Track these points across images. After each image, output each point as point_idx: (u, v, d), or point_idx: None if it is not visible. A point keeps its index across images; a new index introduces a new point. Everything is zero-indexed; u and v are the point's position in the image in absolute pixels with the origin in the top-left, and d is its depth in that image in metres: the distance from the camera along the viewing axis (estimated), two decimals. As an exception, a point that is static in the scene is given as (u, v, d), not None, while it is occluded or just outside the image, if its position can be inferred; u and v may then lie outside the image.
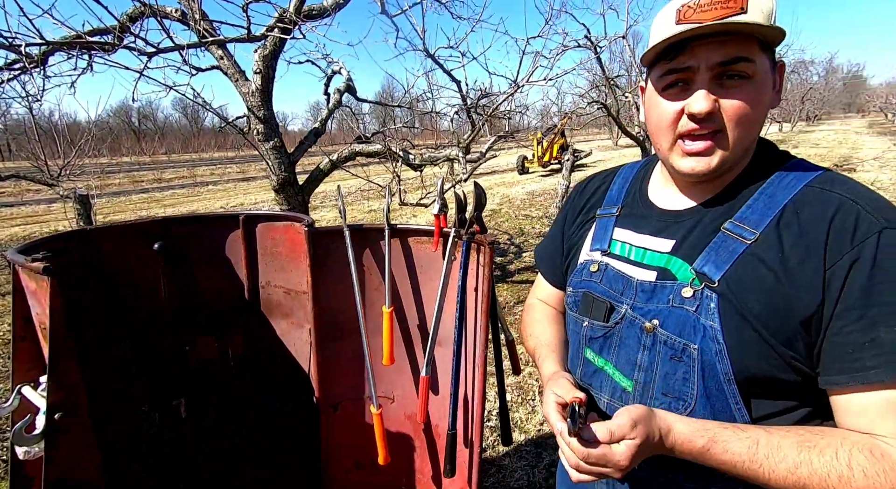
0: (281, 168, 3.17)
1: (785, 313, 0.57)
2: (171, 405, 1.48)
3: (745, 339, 0.59)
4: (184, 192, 14.66)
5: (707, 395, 0.61)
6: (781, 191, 0.61)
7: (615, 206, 0.80)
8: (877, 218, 0.55)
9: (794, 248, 0.57)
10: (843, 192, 0.58)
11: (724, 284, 0.60)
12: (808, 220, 0.58)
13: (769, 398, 0.61)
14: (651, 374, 0.66)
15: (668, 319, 0.64)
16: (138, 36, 2.26)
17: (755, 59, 0.58)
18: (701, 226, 0.66)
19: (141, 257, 1.39)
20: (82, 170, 5.50)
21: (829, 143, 20.02)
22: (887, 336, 0.52)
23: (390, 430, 1.51)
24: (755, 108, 0.60)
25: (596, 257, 0.78)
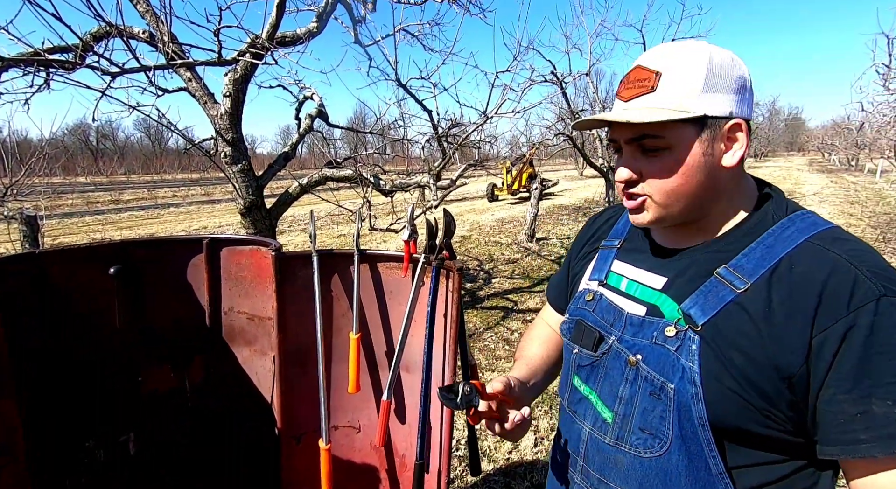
0: (248, 191, 3.11)
1: (764, 368, 0.56)
2: (118, 441, 1.38)
3: (723, 387, 0.59)
4: (143, 214, 14.08)
5: (682, 437, 0.61)
6: (781, 243, 0.61)
7: (618, 240, 0.82)
8: (875, 284, 0.53)
9: (781, 305, 0.57)
10: (842, 253, 0.57)
11: (708, 330, 0.61)
12: (801, 278, 0.57)
13: (746, 447, 0.61)
14: (630, 408, 0.67)
15: (651, 355, 0.65)
16: (102, 55, 2.21)
17: (663, 134, 0.62)
18: (694, 267, 0.66)
19: (94, 282, 1.32)
20: (31, 189, 5.22)
21: (775, 179, 21.48)
22: (879, 410, 0.51)
23: (355, 461, 1.46)
24: (675, 175, 0.63)
25: (593, 287, 0.80)
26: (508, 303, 4.96)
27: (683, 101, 0.61)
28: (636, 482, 0.66)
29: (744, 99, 0.63)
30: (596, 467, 0.72)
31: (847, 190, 15.53)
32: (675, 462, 0.62)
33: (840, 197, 13.60)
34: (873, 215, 9.97)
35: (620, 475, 0.68)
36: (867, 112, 9.36)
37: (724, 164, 0.64)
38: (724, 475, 0.60)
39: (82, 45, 2.35)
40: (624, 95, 0.65)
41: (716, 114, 0.61)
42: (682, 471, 0.62)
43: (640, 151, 0.65)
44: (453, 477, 2.36)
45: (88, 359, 1.31)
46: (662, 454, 0.63)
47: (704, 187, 0.64)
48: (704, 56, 0.61)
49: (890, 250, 6.66)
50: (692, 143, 0.62)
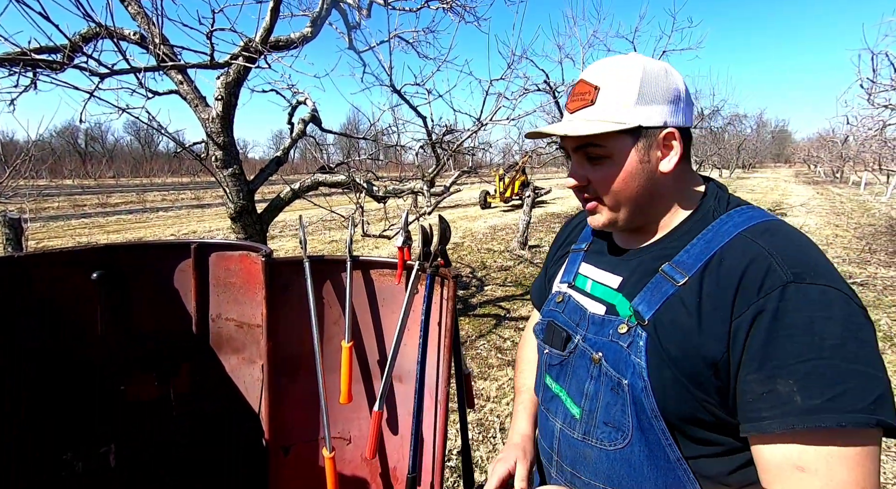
0: (239, 196, 3.07)
1: (695, 357, 0.60)
2: (98, 452, 1.33)
3: (665, 378, 0.62)
4: (131, 218, 13.88)
5: (641, 428, 0.65)
6: (718, 237, 0.64)
7: (586, 243, 0.86)
8: (784, 272, 0.57)
9: (709, 297, 0.60)
10: (764, 244, 0.60)
11: (652, 324, 0.64)
12: (727, 270, 0.60)
13: (701, 437, 0.63)
14: (595, 403, 0.70)
15: (609, 352, 0.69)
16: (91, 56, 2.17)
17: (604, 144, 0.67)
18: (643, 266, 0.70)
19: (76, 288, 1.28)
20: (15, 191, 5.11)
21: (763, 190, 21.84)
22: (783, 388, 0.53)
23: (345, 474, 1.42)
24: (616, 182, 0.68)
25: (563, 289, 0.84)
26: (501, 311, 4.94)
27: (619, 113, 0.66)
28: (604, 474, 0.69)
29: (678, 108, 0.68)
30: (568, 461, 0.75)
31: (833, 201, 15.82)
32: (637, 453, 0.65)
33: (826, 208, 13.83)
34: (858, 226, 10.15)
35: (590, 468, 0.71)
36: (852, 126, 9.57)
37: (661, 170, 0.68)
38: (681, 461, 0.63)
39: (71, 45, 2.31)
40: (570, 107, 0.71)
41: (650, 124, 0.66)
42: (644, 460, 0.65)
43: (585, 159, 0.70)
44: (445, 488, 2.32)
45: (68, 367, 1.27)
46: (625, 446, 0.66)
47: (645, 191, 0.69)
48: (638, 71, 0.66)
49: (876, 261, 6.76)
50: (629, 152, 0.67)
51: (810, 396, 0.52)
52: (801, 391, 0.52)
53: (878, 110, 7.05)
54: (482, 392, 3.31)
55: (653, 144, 0.67)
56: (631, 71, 0.66)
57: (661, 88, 0.66)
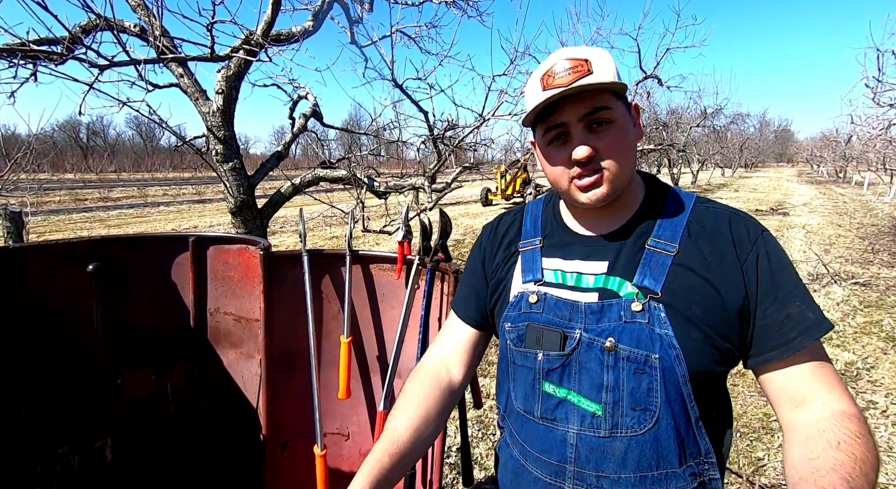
0: (239, 190, 3.05)
1: (721, 310, 0.67)
2: (93, 447, 1.32)
3: (694, 340, 0.67)
4: (132, 213, 13.88)
5: (668, 401, 0.67)
6: (678, 211, 0.74)
7: (536, 238, 0.83)
8: (755, 225, 0.72)
9: (712, 255, 0.69)
10: (722, 208, 0.74)
11: (667, 295, 0.68)
12: (713, 230, 0.71)
13: (707, 392, 0.69)
14: (619, 393, 0.68)
15: (623, 335, 0.68)
16: (90, 47, 2.15)
17: (612, 106, 0.71)
18: (626, 247, 0.74)
19: (72, 280, 1.26)
20: (16, 185, 5.10)
21: (765, 189, 21.76)
22: (794, 311, 0.66)
23: (343, 470, 1.40)
24: (623, 144, 0.72)
25: (531, 288, 0.78)
26: (501, 308, 4.91)
27: (614, 80, 0.70)
28: (634, 462, 0.68)
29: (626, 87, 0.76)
30: (592, 465, 0.71)
31: (835, 201, 15.76)
32: (664, 428, 0.67)
33: (828, 208, 13.78)
34: (861, 226, 10.11)
35: (617, 461, 0.69)
36: (856, 125, 9.51)
37: (636, 140, 0.75)
38: (699, 421, 0.68)
39: (71, 37, 2.29)
40: (562, 82, 0.70)
41: (626, 95, 0.75)
42: (671, 433, 0.67)
43: (589, 129, 0.71)
44: (444, 485, 2.31)
45: (63, 360, 1.25)
46: (653, 425, 0.67)
47: (634, 158, 0.75)
48: (603, 51, 0.73)
49: (878, 261, 6.73)
50: (626, 118, 0.73)
51: (815, 309, 0.66)
52: (809, 308, 0.66)
53: (884, 109, 7.00)
54: (483, 389, 3.31)
55: (631, 112, 0.75)
56: (598, 50, 0.73)
57: (617, 70, 0.73)
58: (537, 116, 0.74)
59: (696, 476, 0.69)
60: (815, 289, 5.43)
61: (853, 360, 3.61)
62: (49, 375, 1.23)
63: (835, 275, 5.89)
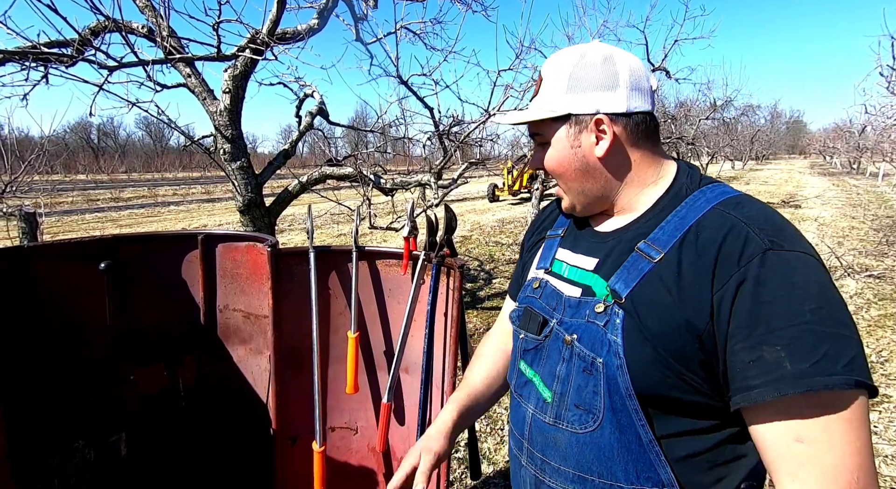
0: (247, 189, 3.08)
1: (678, 330, 0.59)
2: (108, 441, 1.35)
3: (644, 355, 0.61)
4: (143, 212, 14.05)
5: (613, 409, 0.64)
6: (692, 213, 0.65)
7: (562, 228, 0.86)
8: (762, 239, 0.57)
9: (689, 268, 0.60)
10: (739, 215, 0.61)
11: (629, 301, 0.64)
12: (704, 242, 0.61)
13: (674, 417, 0.63)
14: (567, 386, 0.70)
15: (584, 334, 0.68)
16: (99, 49, 2.18)
17: (541, 132, 0.74)
18: (619, 246, 0.71)
19: (84, 278, 1.29)
20: (30, 186, 5.19)
21: (777, 181, 21.45)
22: (769, 355, 0.53)
23: (352, 464, 1.42)
24: (555, 166, 0.74)
25: (539, 275, 0.83)
26: (509, 304, 4.91)
27: (552, 102, 0.71)
28: (574, 459, 0.69)
29: (616, 95, 0.69)
30: (538, 448, 0.75)
31: (849, 193, 15.49)
32: (607, 435, 0.65)
33: (842, 200, 13.56)
34: (875, 218, 9.93)
35: (560, 453, 0.71)
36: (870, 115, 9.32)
37: (596, 155, 0.71)
38: (654, 444, 0.63)
39: (80, 39, 2.32)
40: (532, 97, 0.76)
41: (579, 111, 0.70)
42: (615, 443, 0.64)
43: (538, 145, 0.76)
44: (452, 479, 2.33)
45: (77, 356, 1.28)
46: (595, 428, 0.66)
47: (586, 176, 0.73)
48: (572, 61, 0.71)
49: (893, 254, 6.61)
50: (562, 138, 0.72)
51: (798, 360, 0.52)
52: (790, 356, 0.52)
53: (898, 99, 6.85)
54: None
55: (583, 130, 0.71)
56: (566, 61, 0.71)
57: (594, 76, 0.70)
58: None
59: None
60: (828, 282, 5.35)
61: (867, 354, 3.57)
62: (64, 370, 1.26)
63: (848, 267, 5.80)
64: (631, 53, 0.73)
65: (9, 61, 2.58)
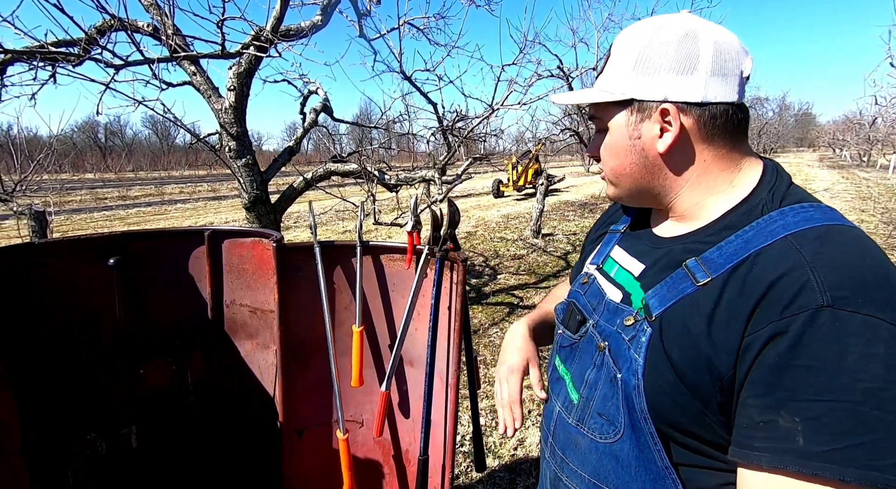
0: (253, 186, 3.10)
1: (699, 367, 0.54)
2: (119, 433, 1.37)
3: (662, 381, 0.57)
4: (150, 210, 14.18)
5: (633, 427, 0.61)
6: (761, 237, 0.55)
7: (624, 224, 0.80)
8: (822, 293, 0.47)
9: (728, 304, 0.53)
10: (808, 254, 0.50)
11: (659, 322, 0.59)
12: (755, 277, 0.52)
13: (691, 447, 0.58)
14: (593, 392, 0.67)
15: (613, 343, 0.65)
16: (105, 48, 2.20)
17: (600, 116, 0.67)
18: (668, 257, 0.64)
19: (93, 274, 1.31)
20: (39, 185, 5.25)
21: (785, 174, 21.17)
22: (784, 423, 0.47)
23: (358, 456, 1.44)
24: (610, 155, 0.67)
25: (591, 270, 0.80)
26: (514, 299, 4.92)
27: (616, 82, 0.63)
28: (592, 465, 0.66)
29: (693, 80, 0.58)
30: (560, 446, 0.74)
31: (858, 186, 15.30)
32: (626, 450, 0.62)
33: (851, 193, 13.39)
34: (886, 211, 9.81)
35: (579, 457, 0.69)
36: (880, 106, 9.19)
37: (658, 150, 0.62)
38: (670, 470, 0.59)
39: (87, 38, 2.34)
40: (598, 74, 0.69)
41: (644, 97, 0.60)
42: (633, 460, 0.61)
43: (596, 129, 0.70)
44: (458, 472, 2.35)
45: (88, 350, 1.30)
46: (616, 441, 0.63)
47: (642, 170, 0.65)
48: (644, 36, 0.60)
49: (903, 247, 6.53)
50: (621, 125, 0.64)
51: (815, 441, 0.45)
52: (807, 432, 0.45)
53: (909, 90, 6.74)
54: (490, 378, 3.33)
55: (646, 119, 0.61)
56: (638, 36, 0.61)
57: (667, 56, 0.59)
58: None
59: None
60: (837, 276, 5.30)
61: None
62: (75, 365, 1.28)
63: (857, 261, 5.73)
64: (726, 30, 0.60)
65: (17, 61, 2.62)
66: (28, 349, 1.16)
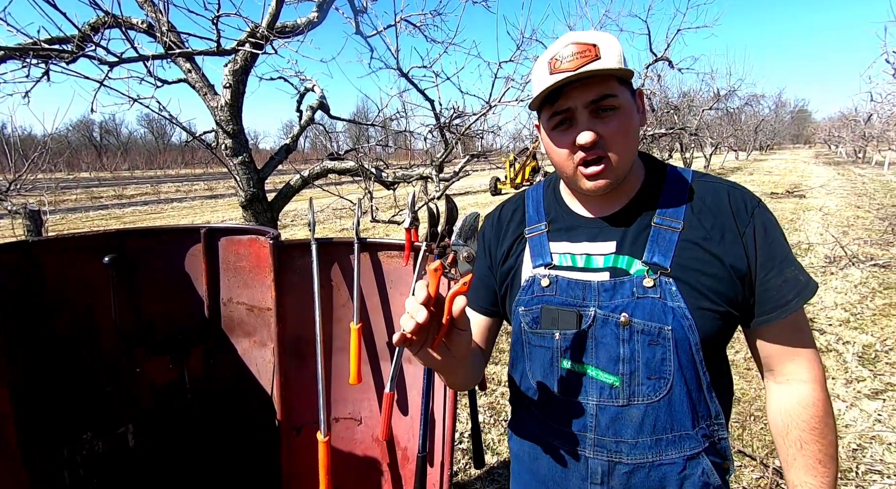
0: (249, 184, 3.08)
1: (727, 280, 0.71)
2: (116, 432, 1.37)
3: (704, 310, 0.71)
4: (146, 209, 14.11)
5: (681, 368, 0.72)
6: (679, 189, 0.77)
7: (541, 223, 0.84)
8: (751, 197, 0.76)
9: (714, 228, 0.73)
10: (718, 182, 0.78)
11: (676, 269, 0.72)
12: (714, 204, 0.75)
13: (715, 356, 0.74)
14: (634, 363, 0.73)
15: (637, 309, 0.72)
16: (99, 44, 2.18)
17: (617, 94, 0.72)
18: (633, 226, 0.76)
19: (89, 272, 1.30)
20: (34, 184, 5.22)
21: (781, 172, 21.29)
22: (790, 275, 0.72)
23: (356, 454, 1.44)
24: (627, 131, 0.73)
25: (542, 272, 0.81)
26: (512, 297, 4.92)
27: (620, 66, 0.72)
28: (650, 426, 0.74)
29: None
30: (611, 432, 0.76)
31: (854, 182, 15.36)
32: (677, 393, 0.72)
33: (847, 189, 13.45)
34: (881, 207, 9.85)
35: (634, 427, 0.74)
36: (876, 102, 9.22)
37: (638, 125, 0.76)
38: (710, 386, 0.74)
39: (80, 35, 2.32)
40: (569, 67, 0.71)
41: (631, 81, 0.76)
42: (684, 398, 0.72)
43: (596, 115, 0.72)
44: (456, 469, 2.35)
45: (84, 349, 1.30)
46: (668, 392, 0.72)
47: (637, 144, 0.77)
48: (612, 36, 0.74)
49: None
50: (631, 104, 0.74)
51: (803, 273, 0.73)
52: (800, 272, 0.73)
53: (905, 86, 6.77)
54: (493, 376, 3.33)
55: (636, 98, 0.76)
56: (609, 36, 0.74)
57: (623, 54, 0.74)
58: (544, 100, 0.75)
59: (708, 437, 0.75)
60: (833, 271, 5.33)
61: (871, 343, 3.56)
62: (71, 363, 1.27)
63: (853, 257, 5.77)
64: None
65: (10, 58, 2.59)
66: (24, 348, 1.15)
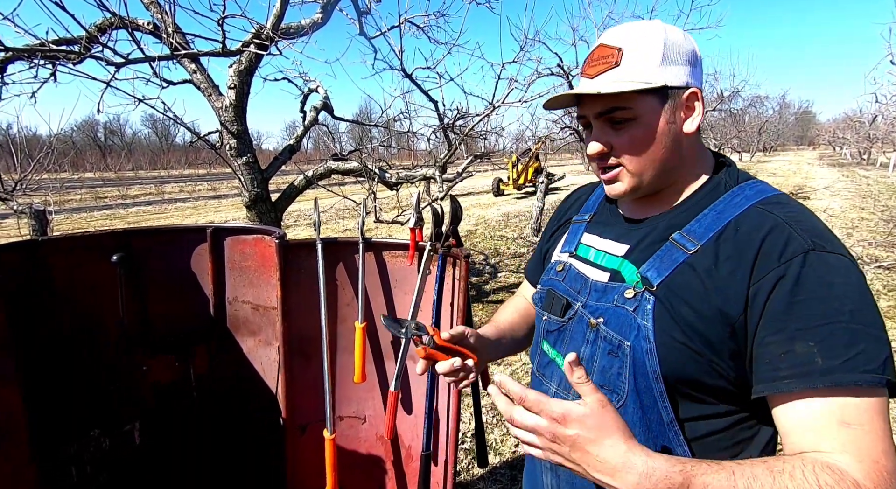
0: (253, 184, 3.10)
1: (710, 319, 0.62)
2: (123, 430, 1.38)
3: (674, 341, 0.64)
4: (150, 209, 14.17)
5: (637, 391, 0.66)
6: (730, 208, 0.67)
7: (588, 214, 0.87)
8: (805, 240, 0.59)
9: (726, 261, 0.62)
10: (781, 215, 0.63)
11: (662, 289, 0.66)
12: (744, 236, 0.63)
13: (696, 400, 0.65)
14: (591, 367, 0.71)
15: (612, 318, 0.70)
16: (106, 45, 2.20)
17: (630, 106, 0.67)
18: (653, 234, 0.71)
19: (96, 271, 1.31)
20: (39, 184, 5.25)
21: (785, 173, 21.21)
22: (801, 349, 0.56)
23: (360, 452, 1.44)
24: (643, 142, 0.68)
25: (563, 258, 0.84)
26: (514, 297, 4.92)
27: (645, 73, 0.67)
28: None
29: (696, 70, 0.70)
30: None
31: (858, 183, 15.30)
32: (630, 414, 0.67)
33: (851, 190, 13.39)
34: (886, 209, 9.81)
35: None
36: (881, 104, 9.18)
37: (685, 131, 0.69)
38: (673, 424, 0.66)
39: (87, 36, 2.34)
40: (590, 73, 0.70)
41: (674, 84, 0.67)
42: (637, 422, 0.66)
43: (609, 125, 0.70)
44: (459, 469, 2.35)
45: (92, 347, 1.31)
46: (619, 408, 0.67)
47: (671, 153, 0.70)
48: (660, 32, 0.68)
49: (903, 244, 6.53)
50: (657, 113, 0.68)
51: (831, 356, 0.54)
52: (822, 352, 0.55)
53: (910, 87, 6.74)
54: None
55: (677, 105, 0.69)
56: (654, 32, 0.68)
57: (681, 50, 0.68)
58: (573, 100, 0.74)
59: None
60: (837, 273, 5.31)
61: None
62: (78, 361, 1.29)
63: (857, 259, 5.75)
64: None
65: (17, 59, 2.61)
66: (32, 346, 1.16)
